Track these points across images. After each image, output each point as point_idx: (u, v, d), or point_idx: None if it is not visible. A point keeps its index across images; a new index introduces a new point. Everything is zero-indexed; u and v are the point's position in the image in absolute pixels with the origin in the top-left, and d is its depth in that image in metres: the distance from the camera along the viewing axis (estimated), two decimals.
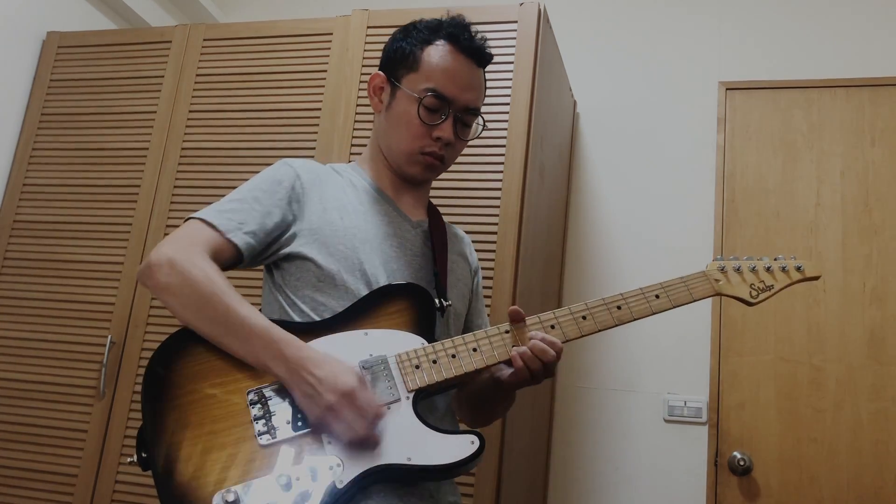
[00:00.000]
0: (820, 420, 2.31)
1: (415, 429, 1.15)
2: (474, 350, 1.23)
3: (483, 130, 1.45)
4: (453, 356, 1.22)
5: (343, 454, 1.11)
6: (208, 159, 2.26)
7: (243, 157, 2.21)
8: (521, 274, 1.93)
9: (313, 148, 2.15)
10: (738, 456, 2.32)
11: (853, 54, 2.56)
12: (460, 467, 1.14)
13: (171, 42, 2.40)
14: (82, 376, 2.19)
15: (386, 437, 1.13)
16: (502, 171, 1.97)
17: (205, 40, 2.37)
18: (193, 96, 2.32)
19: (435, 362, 1.21)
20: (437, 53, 1.35)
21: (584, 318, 1.28)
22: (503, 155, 1.98)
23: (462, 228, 1.59)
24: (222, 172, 2.22)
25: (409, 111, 1.34)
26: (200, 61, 2.35)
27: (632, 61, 2.78)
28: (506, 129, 1.99)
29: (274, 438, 1.11)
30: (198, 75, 2.34)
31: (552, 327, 1.27)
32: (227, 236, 1.24)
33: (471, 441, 1.14)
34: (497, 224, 1.93)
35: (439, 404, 1.31)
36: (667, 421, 2.44)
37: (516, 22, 2.07)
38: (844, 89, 2.53)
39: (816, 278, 1.38)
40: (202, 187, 2.23)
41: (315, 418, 1.11)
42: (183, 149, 2.29)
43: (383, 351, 1.20)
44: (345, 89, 2.17)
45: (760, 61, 2.64)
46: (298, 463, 1.10)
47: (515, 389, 1.33)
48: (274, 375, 1.15)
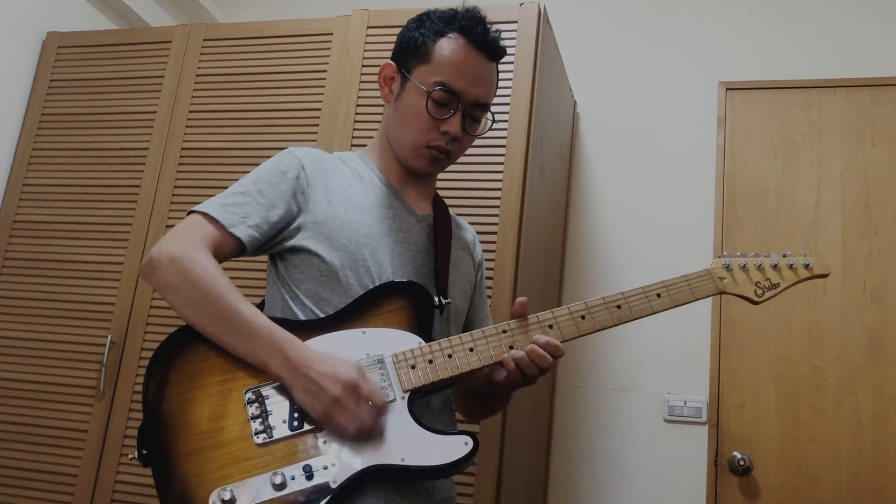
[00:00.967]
0: (820, 420, 2.30)
1: (409, 429, 1.15)
2: (471, 350, 1.23)
3: (492, 125, 1.42)
4: (450, 356, 1.22)
5: (338, 454, 1.11)
6: (208, 159, 2.26)
7: (243, 157, 2.21)
8: (521, 274, 1.93)
9: None
10: (738, 456, 2.31)
11: (853, 54, 2.56)
12: (453, 468, 1.14)
13: (171, 42, 2.40)
14: (82, 376, 2.19)
15: (380, 438, 1.13)
16: (502, 171, 1.97)
17: (205, 40, 2.37)
18: (193, 96, 2.33)
19: (431, 362, 1.21)
20: (449, 46, 1.33)
21: (582, 317, 1.27)
22: (503, 155, 1.98)
23: None
24: (222, 172, 2.22)
25: (418, 104, 1.32)
26: (200, 61, 2.35)
27: (632, 61, 2.77)
28: (506, 129, 1.99)
29: (270, 437, 1.12)
30: (198, 75, 2.34)
31: (550, 327, 1.26)
32: (230, 231, 1.25)
33: (464, 442, 1.15)
34: (497, 224, 1.93)
35: (436, 401, 1.31)
36: (667, 421, 2.44)
37: (516, 22, 2.07)
38: (844, 89, 2.52)
39: (825, 275, 1.35)
40: (202, 187, 2.23)
41: (319, 414, 1.11)
42: (183, 149, 2.29)
43: (380, 350, 1.20)
44: (345, 89, 2.17)
45: (760, 61, 2.64)
46: (294, 462, 1.10)
47: (510, 391, 1.33)
48: (274, 374, 1.15)
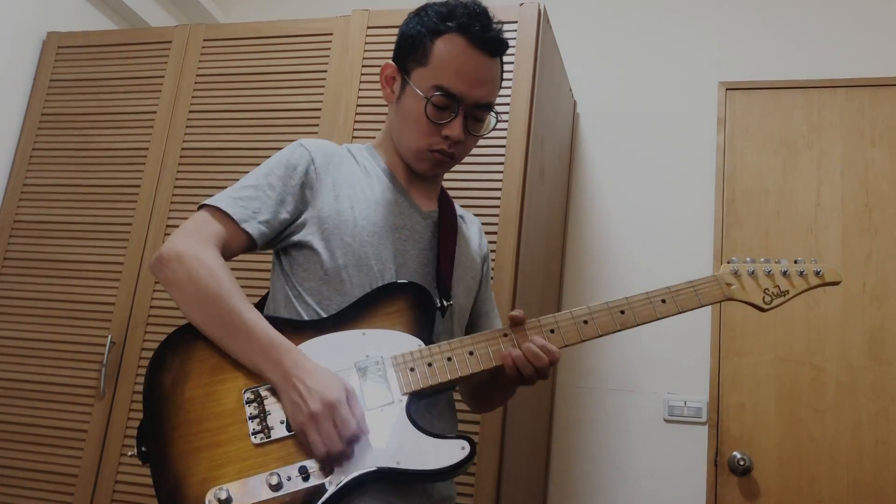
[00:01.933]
0: (820, 420, 2.30)
1: (406, 433, 1.15)
2: (470, 354, 1.23)
3: (497, 123, 1.39)
4: (449, 359, 1.21)
5: (335, 456, 1.11)
6: (208, 159, 2.26)
7: (243, 157, 2.21)
8: (521, 274, 1.93)
9: None
10: (738, 456, 2.31)
11: (853, 54, 2.56)
12: (450, 473, 1.14)
13: (171, 42, 2.40)
14: (82, 376, 2.19)
15: (377, 441, 1.13)
16: (502, 172, 1.97)
17: (205, 40, 2.37)
18: (193, 96, 2.33)
19: (430, 365, 1.20)
20: (447, 47, 1.28)
21: (585, 322, 1.26)
22: (503, 155, 1.98)
23: None
24: (222, 172, 2.22)
25: (418, 108, 1.30)
26: (200, 61, 2.35)
27: (632, 61, 2.77)
28: (506, 129, 1.99)
29: (268, 438, 1.12)
30: (198, 75, 2.34)
31: (552, 332, 1.25)
32: (242, 226, 1.25)
33: (461, 447, 1.14)
34: (497, 224, 1.93)
35: (439, 401, 1.31)
36: (667, 421, 2.44)
37: (516, 22, 2.06)
38: (844, 89, 2.52)
39: (837, 283, 1.31)
40: (202, 187, 2.23)
41: (297, 425, 1.11)
42: (183, 149, 2.29)
43: (380, 352, 1.20)
44: (345, 89, 2.17)
45: (760, 61, 2.64)
46: (291, 463, 1.10)
47: (511, 387, 1.34)
48: (267, 378, 1.15)
